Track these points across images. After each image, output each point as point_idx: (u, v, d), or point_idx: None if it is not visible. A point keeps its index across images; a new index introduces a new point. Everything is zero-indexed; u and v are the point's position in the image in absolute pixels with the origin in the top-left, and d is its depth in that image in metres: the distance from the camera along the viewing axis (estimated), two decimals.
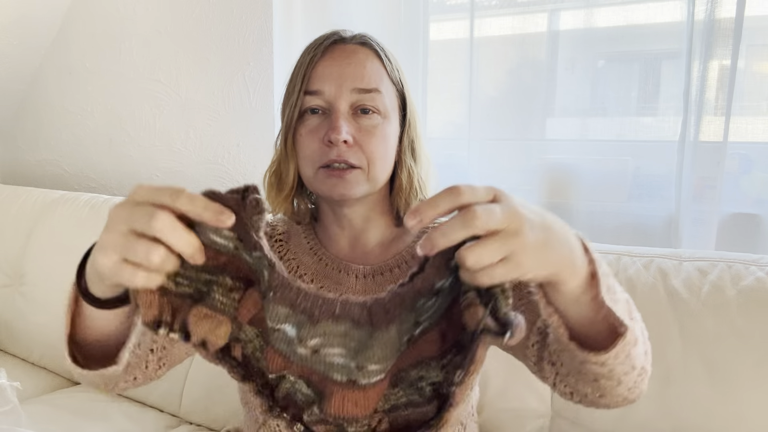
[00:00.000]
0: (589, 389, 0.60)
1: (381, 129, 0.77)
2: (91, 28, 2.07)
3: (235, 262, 0.48)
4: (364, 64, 0.77)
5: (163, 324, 0.47)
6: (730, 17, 1.09)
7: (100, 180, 2.15)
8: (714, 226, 1.17)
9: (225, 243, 0.47)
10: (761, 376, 0.89)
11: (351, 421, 0.50)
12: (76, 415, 1.38)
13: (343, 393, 0.49)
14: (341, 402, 0.49)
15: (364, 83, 0.76)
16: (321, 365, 0.49)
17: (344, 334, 0.48)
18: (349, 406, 0.49)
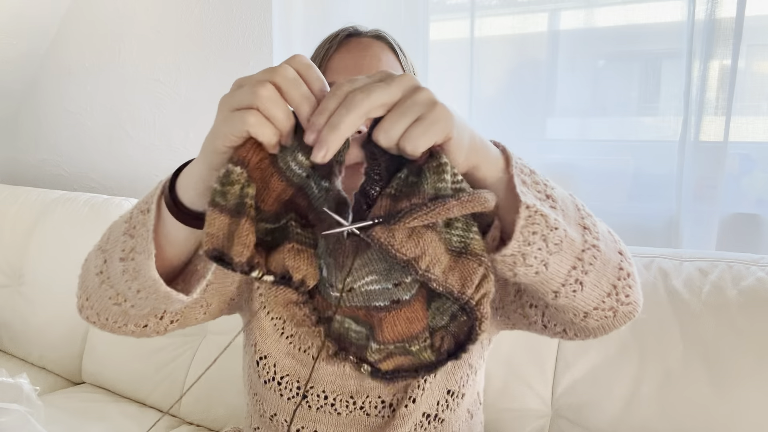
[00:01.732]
0: (563, 314, 0.57)
1: None
2: (90, 28, 2.07)
3: (301, 200, 0.47)
4: (379, 57, 0.77)
5: (256, 266, 0.46)
6: (730, 17, 1.09)
7: (100, 180, 2.15)
8: (714, 226, 1.17)
9: (299, 171, 0.46)
10: (761, 376, 0.89)
11: (411, 339, 0.48)
12: (76, 415, 1.38)
13: (392, 316, 0.47)
14: (393, 325, 0.47)
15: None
16: (359, 298, 0.47)
17: (369, 262, 0.46)
18: (402, 326, 0.48)
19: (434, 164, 0.43)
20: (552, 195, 0.53)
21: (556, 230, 0.50)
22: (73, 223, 1.73)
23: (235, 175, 0.44)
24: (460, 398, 0.79)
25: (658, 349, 0.96)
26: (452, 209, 0.43)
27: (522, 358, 1.07)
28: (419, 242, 0.43)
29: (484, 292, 0.45)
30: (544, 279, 0.52)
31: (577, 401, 1.02)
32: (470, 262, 0.45)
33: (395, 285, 0.46)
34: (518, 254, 0.49)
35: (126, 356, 1.51)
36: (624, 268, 0.56)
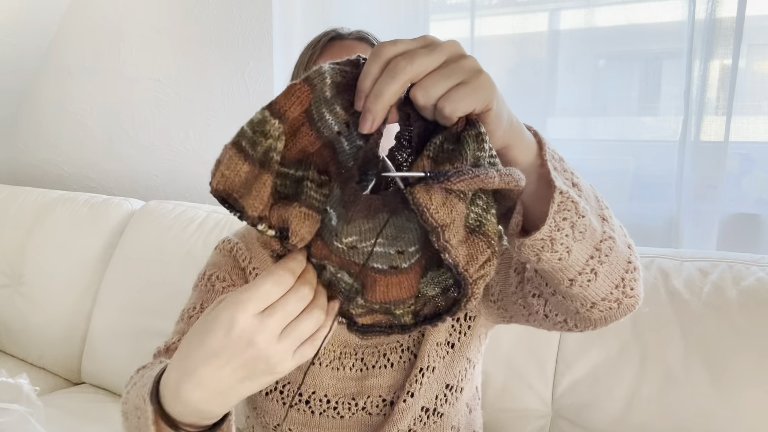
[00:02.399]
0: (570, 302, 0.57)
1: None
2: (90, 27, 2.07)
3: (326, 151, 0.46)
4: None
5: (264, 220, 0.45)
6: (731, 17, 1.09)
7: (99, 180, 2.14)
8: (715, 226, 1.16)
9: (333, 124, 0.44)
10: (761, 376, 0.89)
11: (397, 303, 0.48)
12: (76, 415, 1.38)
13: (386, 279, 0.47)
14: (386, 288, 0.47)
15: None
16: (359, 257, 0.46)
17: (378, 226, 0.45)
18: (394, 291, 0.47)
19: (474, 132, 0.42)
20: (578, 184, 0.53)
21: (583, 218, 0.50)
22: (73, 223, 1.73)
23: (272, 129, 0.42)
24: (459, 392, 0.79)
25: (658, 349, 0.96)
26: (494, 180, 0.41)
27: (522, 358, 1.07)
28: (452, 211, 0.42)
29: (484, 273, 0.45)
30: (564, 266, 0.52)
31: (577, 401, 1.02)
32: (480, 242, 0.44)
33: (398, 252, 0.46)
34: (548, 239, 0.49)
35: (126, 356, 1.51)
36: (632, 261, 0.57)
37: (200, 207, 1.60)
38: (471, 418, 0.84)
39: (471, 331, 0.79)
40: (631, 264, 0.56)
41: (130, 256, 1.60)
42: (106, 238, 1.67)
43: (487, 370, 1.08)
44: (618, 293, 0.56)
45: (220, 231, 1.48)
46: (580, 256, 0.51)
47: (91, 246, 1.67)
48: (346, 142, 0.45)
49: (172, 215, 1.59)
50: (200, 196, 1.88)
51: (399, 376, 0.77)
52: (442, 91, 0.41)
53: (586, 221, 0.50)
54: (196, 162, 1.88)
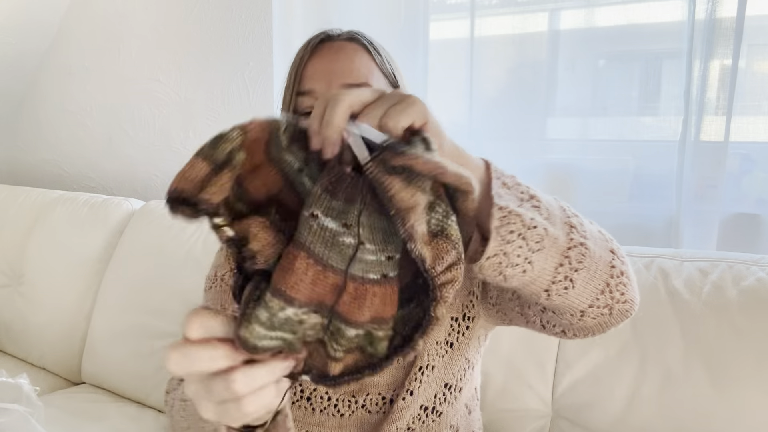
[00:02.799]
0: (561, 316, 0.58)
1: None
2: (90, 27, 2.07)
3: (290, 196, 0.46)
4: (352, 59, 0.77)
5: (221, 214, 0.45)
6: (731, 17, 1.09)
7: (99, 180, 2.14)
8: (715, 226, 1.16)
9: (292, 161, 0.46)
10: (761, 376, 0.89)
11: (381, 322, 0.46)
12: (76, 416, 1.38)
13: (380, 290, 0.45)
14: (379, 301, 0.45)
15: (353, 77, 0.76)
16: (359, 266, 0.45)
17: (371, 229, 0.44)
18: (378, 304, 0.45)
19: (419, 138, 0.44)
20: (536, 195, 0.55)
21: (534, 228, 0.51)
22: (73, 223, 1.73)
23: (233, 135, 0.43)
24: (458, 392, 0.79)
25: (658, 349, 0.96)
26: (447, 171, 0.42)
27: (522, 358, 1.07)
28: (413, 196, 0.42)
29: (451, 277, 0.44)
30: (532, 278, 0.53)
31: (577, 401, 1.02)
32: (444, 244, 0.44)
33: (387, 258, 0.45)
34: (501, 253, 0.50)
35: (126, 356, 1.51)
36: (616, 266, 0.57)
37: None
38: (470, 419, 0.84)
39: (470, 332, 0.79)
40: (614, 269, 0.56)
41: (130, 256, 1.60)
42: (106, 238, 1.67)
43: (487, 371, 1.08)
44: (606, 299, 0.56)
45: None
46: (546, 265, 0.53)
47: (91, 246, 1.67)
48: (307, 180, 0.46)
49: None
50: None
51: (399, 374, 0.77)
52: (382, 112, 0.44)
53: (540, 231, 0.52)
54: None
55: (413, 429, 0.77)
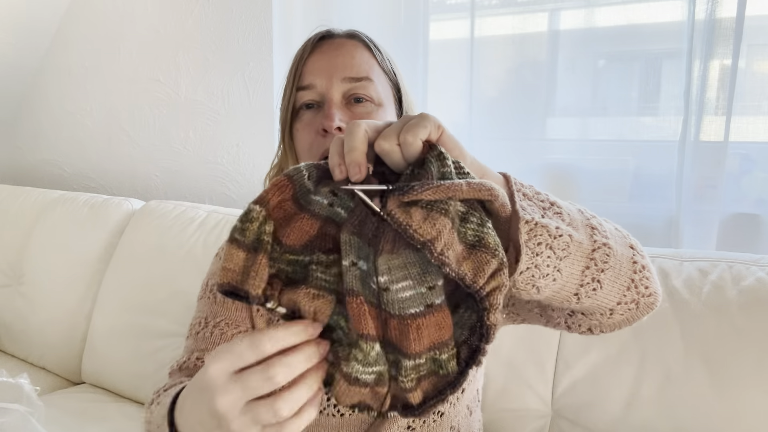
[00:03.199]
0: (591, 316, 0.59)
1: (375, 116, 0.77)
2: (90, 28, 2.07)
3: (329, 227, 0.49)
4: (353, 54, 0.78)
5: (270, 298, 0.47)
6: (730, 17, 1.09)
7: (100, 180, 2.14)
8: (715, 226, 1.16)
9: (320, 200, 0.48)
10: (761, 376, 0.89)
11: (442, 347, 0.47)
12: (76, 416, 1.38)
13: (426, 321, 0.46)
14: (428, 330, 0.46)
15: (354, 72, 0.77)
16: (394, 306, 0.46)
17: (405, 265, 0.46)
18: (434, 331, 0.47)
19: (435, 153, 0.46)
20: (556, 202, 0.56)
21: (560, 237, 0.52)
22: (73, 223, 1.73)
23: (255, 213, 0.47)
24: (461, 393, 0.80)
25: (658, 349, 0.96)
26: (462, 189, 0.44)
27: (522, 358, 1.07)
28: (435, 224, 0.44)
29: (497, 284, 0.46)
30: (561, 285, 0.54)
31: (577, 401, 1.02)
32: (484, 254, 0.45)
33: (429, 288, 0.46)
34: (532, 266, 0.51)
35: (126, 356, 1.51)
36: (638, 261, 0.58)
37: (200, 207, 1.60)
38: (471, 419, 0.84)
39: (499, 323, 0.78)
40: (636, 264, 0.58)
41: (131, 256, 1.60)
42: (106, 238, 1.67)
43: (487, 371, 1.08)
44: (632, 294, 0.57)
45: (220, 231, 1.48)
46: (573, 270, 0.54)
47: (91, 246, 1.68)
48: (341, 210, 0.48)
49: (172, 215, 1.59)
50: (200, 196, 1.88)
51: None
52: (399, 130, 0.47)
53: (565, 239, 0.53)
54: (196, 162, 1.88)
55: (414, 429, 0.77)
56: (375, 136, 0.47)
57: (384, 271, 0.46)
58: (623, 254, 0.57)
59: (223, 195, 1.84)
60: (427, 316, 0.46)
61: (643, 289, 0.58)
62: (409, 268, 0.46)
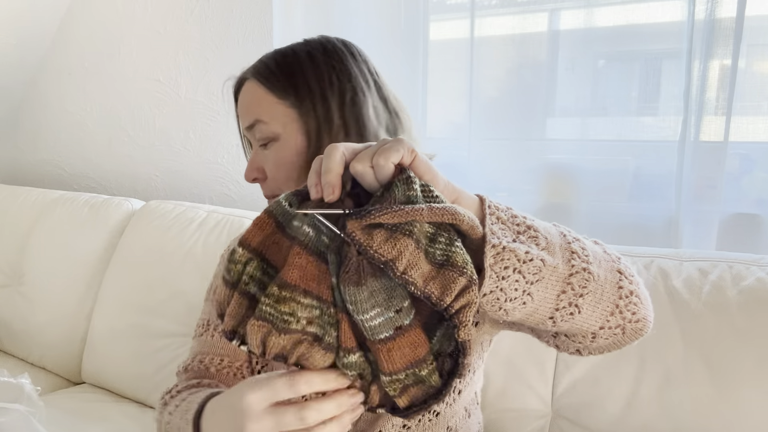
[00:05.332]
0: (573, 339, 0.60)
1: (277, 153, 0.78)
2: (90, 28, 2.07)
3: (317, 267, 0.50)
4: (246, 102, 0.81)
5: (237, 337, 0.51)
6: (730, 17, 1.09)
7: (100, 180, 2.15)
8: (715, 226, 1.17)
9: (298, 223, 0.50)
10: (761, 376, 0.89)
11: (419, 363, 0.50)
12: (76, 415, 1.38)
13: (397, 343, 0.49)
14: (401, 351, 0.49)
15: (246, 121, 0.80)
16: (366, 331, 0.49)
17: (372, 294, 0.48)
18: (408, 351, 0.49)
19: (403, 177, 0.48)
20: (533, 225, 0.56)
21: (530, 261, 0.53)
22: (73, 223, 1.73)
23: (237, 255, 0.51)
24: (457, 394, 0.79)
25: (658, 349, 0.96)
26: (423, 213, 0.46)
27: (522, 358, 1.07)
28: (396, 245, 0.46)
29: (465, 302, 0.47)
30: (533, 309, 0.54)
31: (577, 401, 1.02)
32: (451, 273, 0.47)
33: (396, 312, 0.48)
34: (497, 289, 0.52)
35: (126, 356, 1.51)
36: (624, 287, 0.57)
37: (200, 207, 1.60)
38: (470, 422, 0.84)
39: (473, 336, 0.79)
40: (622, 289, 0.57)
41: (131, 256, 1.60)
42: (106, 238, 1.67)
43: (487, 371, 1.08)
44: (617, 319, 0.57)
45: (220, 231, 1.48)
46: (547, 294, 0.54)
47: (91, 246, 1.68)
48: (309, 229, 0.50)
49: (172, 215, 1.59)
50: (200, 196, 1.88)
51: None
52: (373, 153, 0.48)
53: (536, 263, 0.53)
54: (196, 162, 1.88)
55: (409, 427, 0.77)
56: (352, 157, 0.49)
57: (351, 301, 0.48)
58: (606, 279, 0.56)
59: (223, 195, 1.84)
60: (397, 339, 0.49)
61: (630, 315, 0.57)
62: (375, 296, 0.48)
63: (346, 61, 0.80)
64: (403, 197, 0.47)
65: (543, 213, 1.34)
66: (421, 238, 0.47)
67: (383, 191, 0.49)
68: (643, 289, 0.60)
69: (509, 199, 1.38)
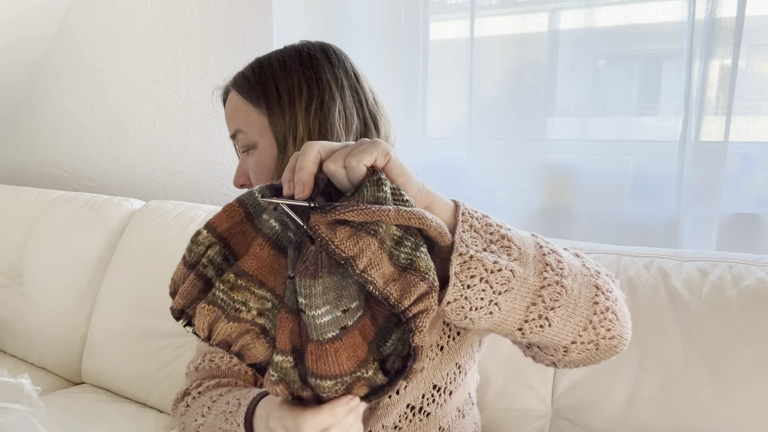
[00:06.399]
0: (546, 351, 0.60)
1: (257, 160, 0.82)
2: (90, 27, 2.07)
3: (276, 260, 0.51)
4: (227, 112, 0.84)
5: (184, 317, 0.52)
6: (730, 17, 1.09)
7: (100, 180, 2.15)
8: (715, 226, 1.17)
9: (266, 217, 0.50)
10: (761, 376, 0.89)
11: (363, 364, 0.50)
12: (76, 416, 1.38)
13: (343, 344, 0.49)
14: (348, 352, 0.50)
15: (230, 130, 0.84)
16: (313, 332, 0.49)
17: (323, 291, 0.48)
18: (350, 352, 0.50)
19: (374, 178, 0.48)
20: (507, 235, 0.55)
21: (499, 272, 0.53)
22: (73, 223, 1.73)
23: (201, 237, 0.51)
24: (448, 395, 0.80)
25: (658, 349, 0.96)
26: (389, 214, 0.46)
27: (522, 358, 1.06)
28: (358, 242, 0.46)
29: (423, 307, 0.47)
30: (501, 319, 0.54)
31: (577, 401, 1.02)
32: (413, 277, 0.47)
33: (344, 312, 0.49)
34: (461, 298, 0.52)
35: (126, 356, 1.51)
36: (599, 302, 0.57)
37: (200, 207, 1.61)
38: (464, 422, 0.85)
39: (461, 338, 0.79)
40: (598, 305, 0.57)
41: (131, 256, 1.60)
42: (106, 239, 1.67)
43: (487, 370, 1.08)
44: (590, 335, 0.57)
45: None
46: (516, 305, 0.54)
47: (91, 246, 1.68)
48: (275, 223, 0.50)
49: (172, 215, 1.59)
50: (200, 196, 1.88)
51: None
52: (346, 154, 0.49)
53: (505, 273, 0.53)
54: (196, 162, 1.88)
55: (400, 428, 0.77)
56: (327, 156, 0.50)
57: (305, 294, 0.48)
58: (581, 293, 0.56)
59: (223, 195, 1.84)
60: (342, 339, 0.49)
61: (604, 331, 0.57)
62: (327, 293, 0.48)
63: (318, 67, 0.81)
64: (371, 198, 0.47)
65: (543, 213, 1.35)
66: (386, 240, 0.47)
67: (354, 191, 0.49)
68: (621, 306, 0.59)
69: (509, 199, 1.39)
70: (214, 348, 0.86)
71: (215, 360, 0.85)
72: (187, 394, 0.82)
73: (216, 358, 0.85)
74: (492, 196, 1.41)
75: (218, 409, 0.71)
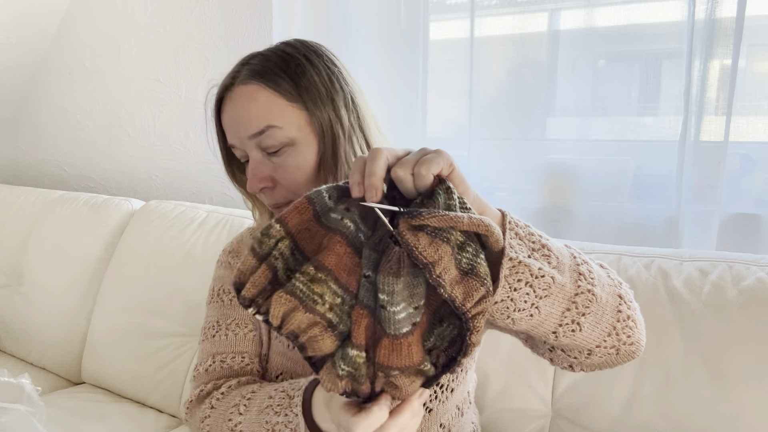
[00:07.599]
0: (570, 353, 0.63)
1: (293, 159, 0.76)
2: (90, 27, 2.07)
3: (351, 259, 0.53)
4: (247, 107, 0.76)
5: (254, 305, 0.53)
6: (730, 17, 1.09)
7: (100, 180, 2.15)
8: (715, 226, 1.17)
9: (337, 216, 0.53)
10: (761, 376, 0.89)
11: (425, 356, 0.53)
12: (76, 416, 1.38)
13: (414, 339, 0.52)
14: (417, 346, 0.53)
15: (253, 128, 0.75)
16: (392, 327, 0.52)
17: (403, 288, 0.51)
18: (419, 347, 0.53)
19: (444, 187, 0.52)
20: (547, 245, 0.60)
21: (542, 278, 0.57)
22: (73, 223, 1.73)
23: (274, 231, 0.53)
24: (449, 392, 0.81)
25: (658, 349, 0.96)
26: (463, 221, 0.50)
27: (522, 358, 1.07)
28: (438, 250, 0.50)
29: (482, 309, 0.51)
30: (539, 321, 0.58)
31: (577, 401, 1.02)
32: (474, 282, 0.51)
33: (415, 308, 0.52)
34: (508, 299, 0.56)
35: (126, 356, 1.51)
36: (622, 311, 0.61)
37: (200, 207, 1.61)
38: (462, 420, 0.85)
39: None
40: (621, 313, 0.61)
41: (131, 256, 1.60)
42: (106, 238, 1.67)
43: (487, 370, 1.08)
44: (613, 340, 0.61)
45: (220, 231, 1.48)
46: (553, 310, 0.58)
47: (91, 246, 1.68)
48: (350, 223, 0.53)
49: (172, 215, 1.59)
50: (200, 196, 1.88)
51: None
52: (414, 161, 0.52)
53: (547, 280, 0.57)
54: (196, 162, 1.88)
55: None
56: (394, 162, 0.53)
57: (387, 291, 0.50)
58: (608, 302, 0.60)
59: (223, 195, 1.84)
60: (413, 333, 0.52)
61: (625, 338, 0.61)
62: (405, 290, 0.51)
63: (331, 62, 0.80)
64: (444, 206, 0.51)
65: (543, 213, 1.35)
66: (454, 246, 0.51)
67: (422, 198, 0.52)
68: (638, 315, 0.64)
69: (509, 199, 1.39)
70: (223, 349, 0.86)
71: (227, 360, 0.85)
72: (208, 396, 0.80)
73: (227, 358, 0.85)
74: (492, 195, 1.41)
75: (260, 405, 0.72)
